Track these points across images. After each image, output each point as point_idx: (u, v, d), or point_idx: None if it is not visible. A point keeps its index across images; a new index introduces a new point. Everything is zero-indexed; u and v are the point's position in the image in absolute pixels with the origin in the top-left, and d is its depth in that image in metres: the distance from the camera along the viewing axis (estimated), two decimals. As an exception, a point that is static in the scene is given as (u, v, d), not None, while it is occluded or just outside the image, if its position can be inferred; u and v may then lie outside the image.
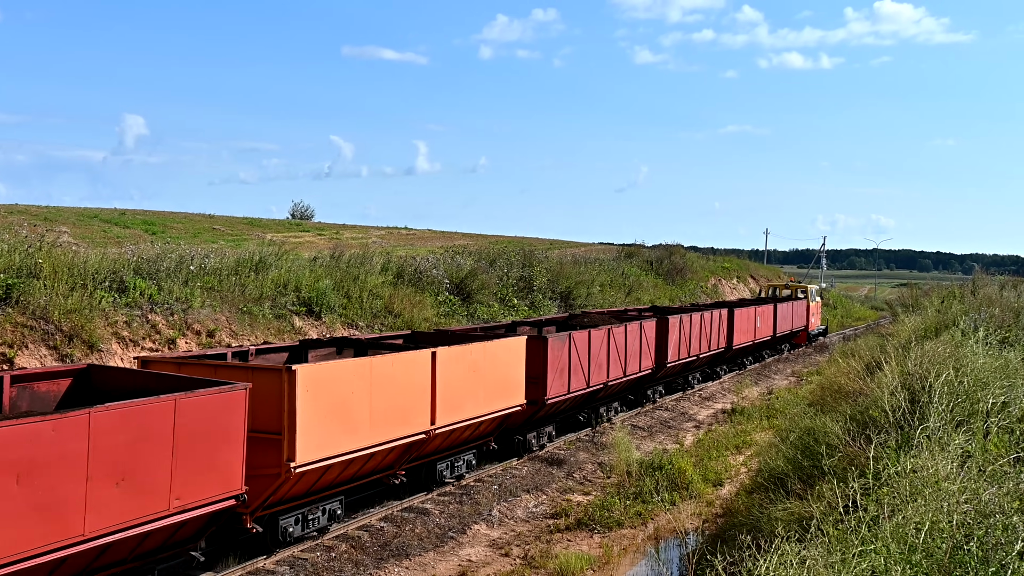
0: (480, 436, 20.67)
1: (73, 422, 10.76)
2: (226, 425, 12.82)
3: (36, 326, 20.17)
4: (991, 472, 9.43)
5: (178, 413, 12.04)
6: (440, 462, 19.44)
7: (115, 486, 11.29)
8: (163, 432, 11.87)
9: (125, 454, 11.36)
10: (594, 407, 26.76)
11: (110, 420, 11.15)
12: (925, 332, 25.23)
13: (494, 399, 20.14)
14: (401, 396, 16.97)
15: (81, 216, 50.39)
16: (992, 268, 69.82)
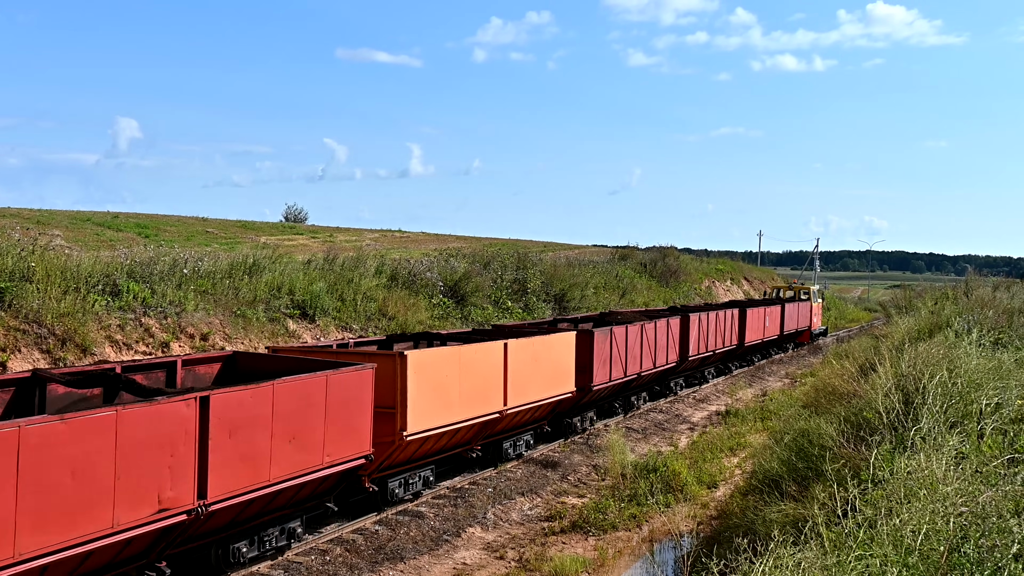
0: (538, 419, 23.54)
1: (263, 391, 13.62)
2: (359, 397, 15.79)
3: (29, 330, 20.12)
4: (986, 474, 9.43)
5: (329, 386, 14.93)
6: (506, 440, 22.14)
7: (289, 443, 14.18)
8: (319, 401, 14.76)
9: (295, 418, 14.25)
10: (626, 396, 29.69)
11: (285, 390, 14.03)
12: (919, 333, 25.25)
13: (551, 386, 23.03)
14: (482, 380, 19.84)
15: (74, 219, 50.28)
16: (985, 269, 70.12)
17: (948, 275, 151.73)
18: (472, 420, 19.38)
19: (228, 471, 13.00)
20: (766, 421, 27.74)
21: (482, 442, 20.99)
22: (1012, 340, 21.69)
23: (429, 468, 19.17)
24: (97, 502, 11.11)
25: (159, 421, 11.89)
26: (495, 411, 20.28)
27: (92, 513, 11.05)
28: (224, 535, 13.99)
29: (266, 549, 14.81)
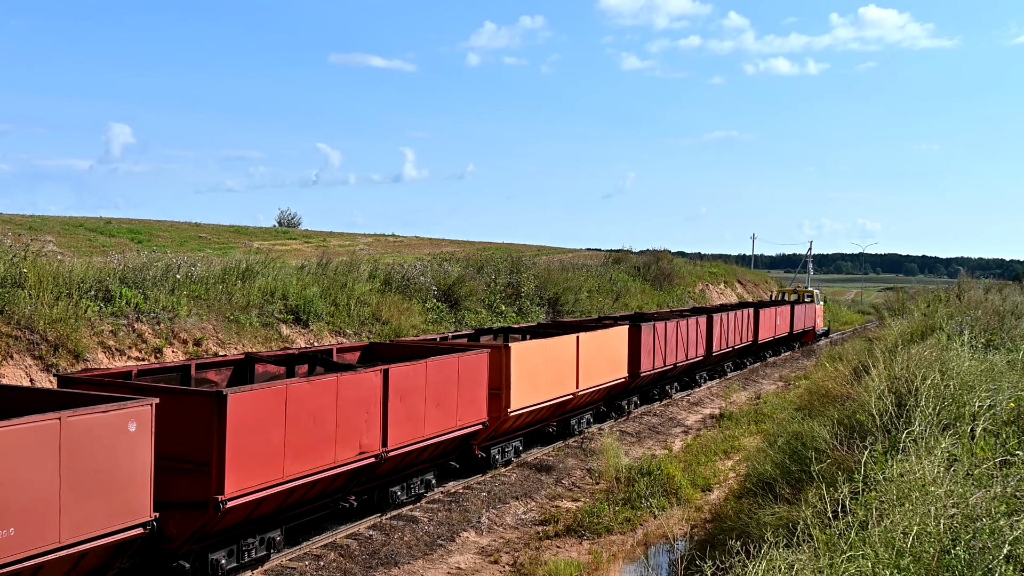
0: (596, 400, 27.38)
1: (420, 367, 17.69)
2: (478, 377, 19.75)
3: (21, 336, 20.09)
4: (978, 475, 9.45)
5: (460, 366, 19.01)
6: (573, 418, 26.03)
7: (436, 407, 18.12)
8: (453, 377, 18.80)
9: (440, 388, 18.26)
10: (662, 385, 33.61)
11: (434, 366, 18.10)
12: (911, 336, 25.31)
13: (609, 372, 27.02)
14: (561, 367, 23.81)
15: (66, 225, 50.21)
16: (977, 272, 70.45)
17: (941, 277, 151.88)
18: (553, 400, 23.47)
19: (399, 427, 16.93)
20: (760, 424, 27.75)
21: (557, 419, 25.17)
22: (1004, 342, 21.73)
23: (519, 439, 23.03)
24: (326, 443, 15.01)
25: (360, 386, 15.87)
26: (569, 393, 24.33)
27: (323, 450, 14.96)
28: (386, 480, 17.85)
29: (412, 495, 18.66)
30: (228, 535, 13.90)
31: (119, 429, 11.12)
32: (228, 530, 13.79)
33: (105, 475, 10.96)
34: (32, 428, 10.18)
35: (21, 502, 10.04)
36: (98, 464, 10.88)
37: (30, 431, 10.15)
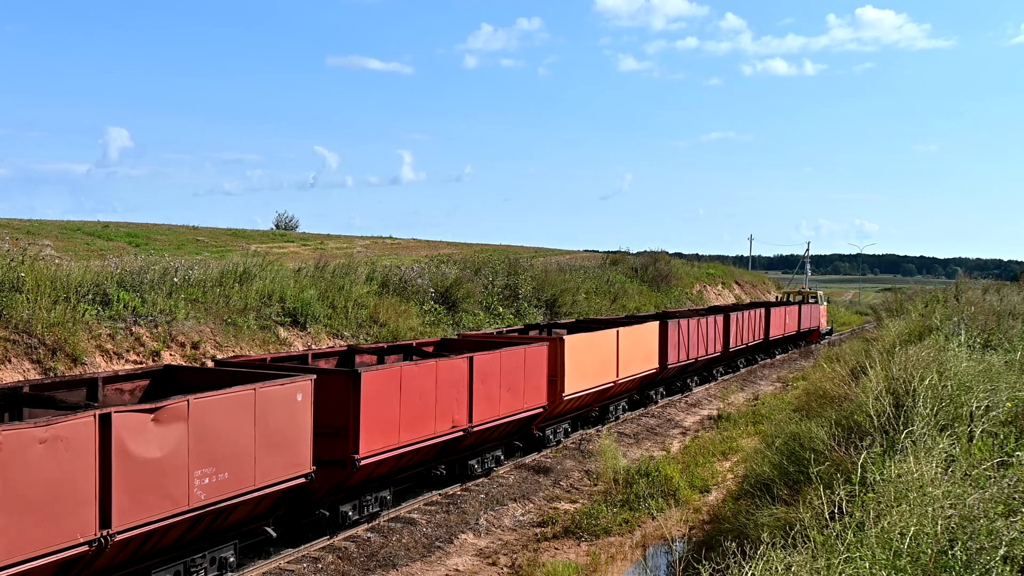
0: (630, 389, 30.15)
1: (496, 355, 20.67)
2: (539, 366, 22.66)
3: (19, 340, 20.07)
4: (975, 476, 9.45)
5: (526, 356, 21.99)
6: (611, 404, 29.01)
7: (507, 391, 21.07)
8: (520, 365, 21.75)
9: (510, 374, 21.22)
10: (684, 379, 36.40)
11: (506, 356, 21.15)
12: (909, 336, 25.31)
13: (643, 363, 29.68)
14: (604, 358, 26.65)
15: (64, 229, 50.15)
16: (975, 272, 70.61)
17: (939, 278, 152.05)
18: (598, 387, 26.28)
19: (481, 406, 19.89)
20: (758, 425, 27.76)
21: (598, 405, 27.90)
22: (1001, 342, 21.73)
23: (568, 422, 25.97)
24: (428, 416, 18.07)
25: (453, 370, 19.00)
26: (610, 381, 27.08)
27: (426, 423, 18.00)
28: (466, 454, 20.72)
29: (485, 468, 21.46)
30: (353, 491, 16.97)
31: (291, 399, 14.46)
32: (354, 487, 16.89)
33: (281, 435, 14.25)
34: (239, 395, 13.44)
35: (234, 452, 13.31)
36: (278, 425, 14.14)
37: (237, 398, 13.39)
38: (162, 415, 12.18)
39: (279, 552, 15.64)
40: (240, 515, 14.05)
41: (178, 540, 13.13)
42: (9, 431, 10.23)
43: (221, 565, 14.02)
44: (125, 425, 11.63)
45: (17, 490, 10.31)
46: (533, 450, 23.93)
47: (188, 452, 12.54)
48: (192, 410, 12.60)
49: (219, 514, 13.43)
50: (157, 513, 12.17)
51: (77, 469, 11.03)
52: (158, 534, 12.52)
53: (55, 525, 10.82)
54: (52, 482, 10.72)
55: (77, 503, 11.06)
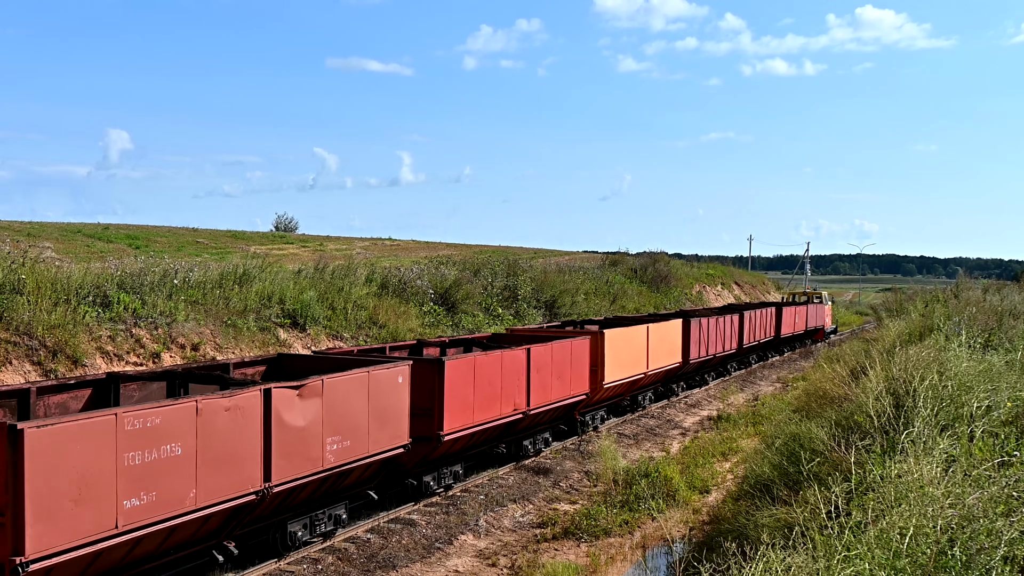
0: (655, 382, 32.65)
1: (548, 347, 23.18)
2: (583, 357, 25.15)
3: (20, 342, 20.08)
4: (975, 476, 9.45)
5: (572, 347, 24.37)
6: (639, 395, 31.44)
7: (557, 379, 23.50)
8: (567, 356, 24.14)
9: (560, 364, 23.66)
10: (702, 373, 39.05)
11: (557, 347, 23.59)
12: (909, 336, 25.31)
13: (668, 357, 32.18)
14: (637, 351, 29.14)
15: (64, 231, 50.17)
16: (976, 272, 70.74)
17: (939, 278, 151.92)
18: (631, 377, 28.82)
19: (536, 392, 22.31)
20: (758, 426, 27.75)
21: (629, 394, 30.48)
22: (1002, 342, 21.73)
23: (604, 409, 28.53)
24: (495, 400, 20.51)
25: (514, 360, 21.41)
26: (641, 372, 29.54)
27: (493, 406, 20.45)
28: (521, 436, 23.10)
29: (536, 448, 23.84)
30: (434, 464, 19.46)
31: (394, 381, 17.07)
32: (435, 460, 19.41)
33: (387, 411, 16.84)
34: (358, 376, 16.08)
35: (354, 424, 15.90)
36: (384, 403, 16.73)
37: (357, 378, 16.02)
38: (304, 391, 14.78)
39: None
40: (353, 478, 16.76)
41: (308, 497, 15.69)
42: (206, 400, 12.78)
43: (336, 521, 16.54)
44: (280, 398, 14.22)
45: (211, 447, 12.80)
46: (574, 434, 26.39)
47: (322, 422, 15.17)
48: (325, 388, 15.23)
49: (340, 476, 16.07)
50: (301, 472, 14.72)
51: (249, 432, 13.57)
52: (298, 490, 15.01)
53: (234, 477, 13.32)
54: (233, 442, 13.26)
55: (249, 460, 13.63)
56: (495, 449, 22.37)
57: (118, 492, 11.47)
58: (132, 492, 11.64)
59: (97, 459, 11.16)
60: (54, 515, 10.77)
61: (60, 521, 10.80)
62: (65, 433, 10.81)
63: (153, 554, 12.80)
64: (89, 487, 11.11)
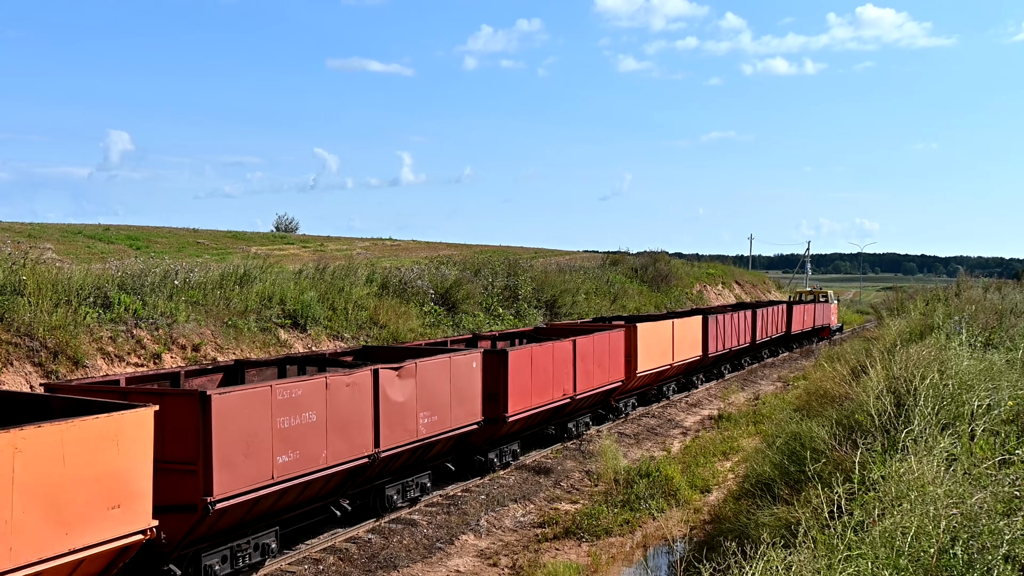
0: (677, 374, 35.13)
1: (591, 338, 26.05)
2: (618, 347, 28.12)
3: (21, 343, 20.08)
4: (977, 475, 9.45)
5: (610, 339, 27.34)
6: (663, 385, 34.25)
7: (598, 367, 26.33)
8: (606, 347, 27.03)
9: (600, 354, 26.48)
10: (719, 367, 41.69)
11: (598, 339, 26.50)
12: (910, 335, 25.30)
13: (689, 351, 34.80)
14: (664, 343, 31.89)
15: (65, 232, 50.18)
16: (976, 270, 70.88)
17: (940, 276, 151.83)
18: (659, 367, 31.55)
19: (581, 379, 25.14)
20: (758, 425, 27.74)
21: (656, 385, 33.15)
22: (1003, 341, 21.72)
23: (635, 397, 31.42)
24: (547, 387, 23.23)
25: (563, 350, 24.18)
26: (667, 364, 32.26)
27: (545, 391, 23.15)
28: (566, 419, 25.91)
29: (577, 431, 26.61)
30: (497, 442, 22.05)
31: (469, 366, 19.91)
32: (499, 438, 21.95)
33: (464, 392, 19.60)
34: (442, 361, 18.95)
35: (439, 402, 18.65)
36: (462, 385, 19.48)
37: (441, 363, 18.90)
38: (402, 372, 17.49)
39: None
40: (437, 450, 19.37)
41: (403, 464, 18.24)
42: (333, 376, 15.55)
43: (422, 488, 19.19)
44: (385, 377, 16.93)
45: (336, 416, 15.43)
46: (608, 419, 29.26)
47: (416, 399, 17.82)
48: (418, 369, 17.98)
49: (428, 446, 18.66)
50: (400, 440, 17.39)
51: (363, 405, 16.24)
52: (397, 457, 17.62)
53: (353, 442, 15.93)
54: (351, 413, 15.89)
55: (363, 428, 16.24)
56: (545, 430, 25.28)
57: (273, 449, 14.05)
58: (283, 450, 14.21)
59: (259, 421, 13.77)
60: (231, 465, 13.29)
61: (235, 470, 13.36)
62: (238, 399, 13.48)
63: (289, 506, 15.30)
64: (254, 444, 13.69)
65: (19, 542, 9.97)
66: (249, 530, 14.55)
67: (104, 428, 11.00)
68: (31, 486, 10.07)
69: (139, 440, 11.42)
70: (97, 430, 10.91)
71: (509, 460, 22.52)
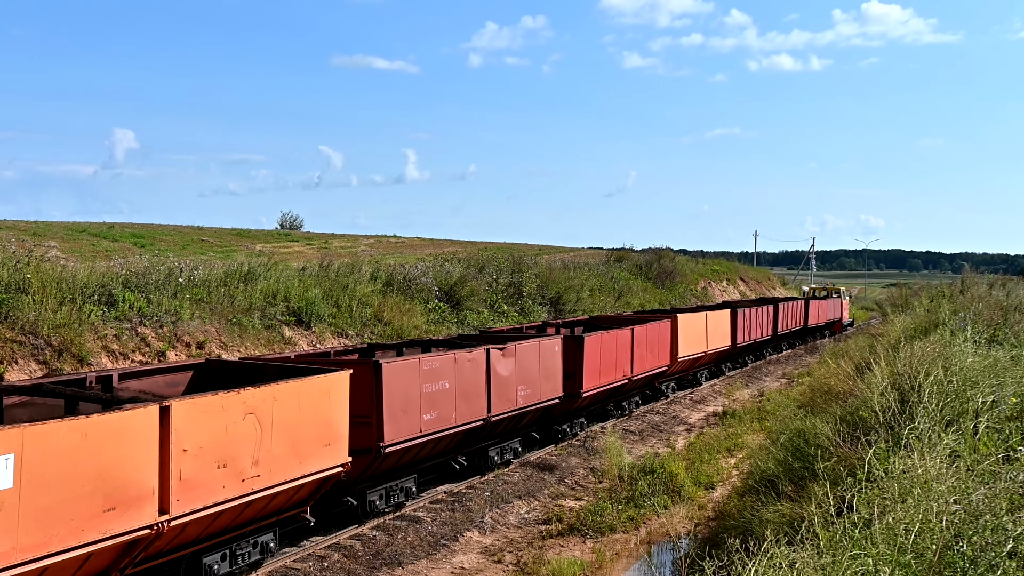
0: (709, 362, 38.84)
1: (644, 327, 29.26)
2: (664, 336, 31.42)
3: (26, 341, 20.12)
4: (980, 472, 9.44)
5: (659, 328, 30.77)
6: (698, 373, 37.80)
7: (649, 352, 29.55)
8: (655, 335, 30.47)
9: (651, 341, 29.81)
10: (743, 356, 44.94)
11: (651, 328, 29.91)
12: (915, 332, 25.26)
13: (720, 341, 38.25)
14: (699, 333, 35.19)
15: (70, 230, 50.24)
16: (981, 267, 70.92)
17: (945, 273, 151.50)
18: (696, 355, 35.00)
19: (637, 363, 28.64)
20: (763, 421, 27.72)
21: (691, 371, 36.70)
22: (1008, 337, 21.69)
23: (675, 382, 34.89)
24: (613, 367, 26.87)
25: (624, 337, 27.70)
26: (702, 352, 35.74)
27: (612, 371, 26.85)
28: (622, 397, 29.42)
29: (629, 409, 29.92)
30: (571, 415, 25.78)
31: (553, 349, 23.34)
32: (572, 411, 25.58)
33: (549, 371, 23.04)
34: (533, 344, 22.46)
35: (532, 378, 22.08)
36: (547, 365, 22.94)
37: (532, 344, 22.38)
38: (506, 352, 21.03)
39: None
40: (527, 420, 22.95)
41: (502, 429, 21.75)
42: (459, 353, 19.27)
43: (514, 452, 22.60)
44: (495, 355, 20.48)
45: (461, 385, 19.02)
46: (654, 400, 32.49)
47: (515, 374, 21.30)
48: (517, 350, 21.51)
49: (523, 415, 22.19)
50: (504, 408, 20.91)
51: (479, 378, 19.78)
52: (501, 423, 21.07)
53: (472, 407, 19.47)
54: (471, 383, 19.46)
55: (479, 396, 19.79)
56: (605, 407, 28.42)
57: (421, 408, 17.61)
58: (427, 409, 17.79)
59: (412, 386, 17.42)
60: (395, 419, 16.91)
61: (397, 423, 16.99)
62: (399, 368, 17.22)
63: (426, 457, 18.88)
64: (408, 403, 17.28)
65: (275, 467, 13.60)
66: (397, 475, 18.03)
67: (322, 385, 14.73)
68: (281, 426, 13.69)
69: (341, 395, 15.17)
70: (318, 386, 14.63)
71: (578, 431, 26.05)
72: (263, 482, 13.35)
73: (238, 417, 12.79)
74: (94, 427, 10.75)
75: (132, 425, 11.21)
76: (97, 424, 10.81)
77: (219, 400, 12.52)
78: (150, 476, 11.48)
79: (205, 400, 12.29)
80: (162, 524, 11.64)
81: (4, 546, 9.80)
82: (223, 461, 12.56)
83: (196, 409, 12.10)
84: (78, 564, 10.89)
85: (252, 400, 13.10)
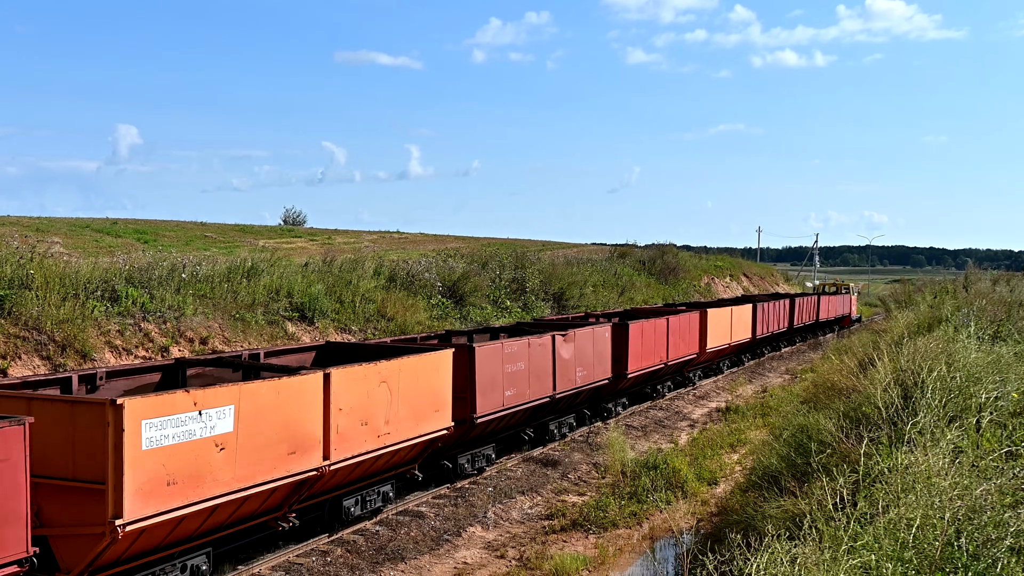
0: (732, 352, 41.52)
1: (676, 318, 32.09)
2: (694, 326, 33.85)
3: (29, 336, 20.14)
4: (983, 467, 9.44)
5: (689, 319, 33.29)
6: (720, 363, 40.58)
7: (680, 341, 32.26)
8: (686, 326, 33.03)
9: (681, 331, 32.44)
10: (762, 347, 47.68)
11: (683, 319, 32.92)
12: (918, 328, 25.25)
13: (742, 333, 40.69)
14: (725, 326, 37.87)
15: (73, 226, 50.28)
16: (985, 263, 71.45)
17: (949, 269, 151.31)
18: (721, 346, 37.63)
19: (671, 350, 31.22)
20: (766, 417, 27.71)
21: (717, 360, 39.54)
22: (1011, 333, 21.68)
23: (701, 370, 37.43)
24: (650, 353, 29.38)
25: (659, 326, 30.28)
26: (727, 343, 38.38)
27: (649, 358, 29.24)
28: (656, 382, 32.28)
29: (662, 392, 32.74)
30: (617, 395, 28.85)
31: (604, 335, 26.10)
32: (618, 391, 28.75)
33: (601, 354, 25.79)
34: (587, 331, 25.15)
35: (587, 360, 24.85)
36: (599, 349, 25.69)
37: (587, 331, 25.11)
38: (567, 337, 23.64)
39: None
40: (582, 398, 25.85)
41: (563, 406, 24.76)
42: (532, 339, 21.98)
43: (570, 427, 25.43)
44: (559, 341, 23.16)
45: (533, 366, 21.70)
46: (681, 387, 35.01)
47: (574, 357, 23.98)
48: (576, 336, 24.23)
49: (579, 393, 24.93)
50: (566, 387, 23.68)
51: (546, 360, 22.41)
52: (562, 400, 23.93)
53: (541, 385, 22.24)
54: (541, 365, 22.14)
55: (546, 376, 22.46)
56: (643, 389, 31.25)
57: (503, 386, 20.33)
58: (508, 387, 20.54)
59: (496, 366, 20.12)
60: (484, 394, 19.68)
61: (486, 398, 19.74)
62: (488, 351, 20.01)
63: (502, 429, 21.80)
64: (492, 381, 19.95)
65: (400, 426, 16.52)
66: (480, 443, 20.81)
67: (433, 360, 17.69)
68: (405, 393, 16.57)
69: (447, 370, 18.08)
70: (430, 362, 17.57)
71: (620, 410, 28.94)
72: (392, 439, 16.37)
73: (375, 384, 15.83)
74: (284, 387, 13.80)
75: (308, 387, 14.31)
76: (286, 384, 13.86)
77: (363, 370, 15.63)
78: (317, 429, 14.49)
79: (353, 369, 15.43)
80: (325, 468, 14.64)
81: (227, 476, 12.68)
82: (365, 419, 15.59)
83: (347, 377, 15.17)
84: (265, 497, 13.78)
85: (385, 371, 16.17)
